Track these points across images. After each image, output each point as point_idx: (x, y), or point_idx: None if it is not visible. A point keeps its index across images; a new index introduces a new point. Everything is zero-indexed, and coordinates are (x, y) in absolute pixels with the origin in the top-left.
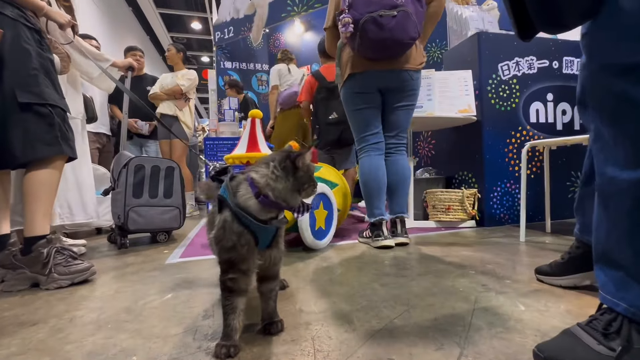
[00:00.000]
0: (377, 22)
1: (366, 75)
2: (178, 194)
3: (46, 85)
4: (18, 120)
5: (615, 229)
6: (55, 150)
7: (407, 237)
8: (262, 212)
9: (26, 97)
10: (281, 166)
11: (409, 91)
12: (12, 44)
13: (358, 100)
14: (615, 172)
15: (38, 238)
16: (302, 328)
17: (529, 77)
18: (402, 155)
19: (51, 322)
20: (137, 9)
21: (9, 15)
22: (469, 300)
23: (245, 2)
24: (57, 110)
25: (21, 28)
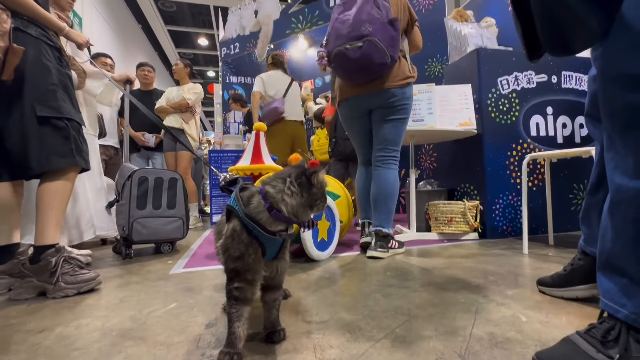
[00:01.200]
0: (343, 54)
1: (352, 101)
2: (181, 205)
3: (64, 99)
4: (35, 132)
5: (620, 236)
6: (69, 162)
7: (382, 252)
8: (273, 224)
9: (44, 110)
10: (297, 182)
11: (395, 107)
12: (34, 61)
13: (352, 122)
14: (623, 181)
15: (47, 247)
16: (303, 337)
17: (528, 92)
18: (388, 168)
19: (58, 329)
20: (147, 26)
21: (33, 35)
22: (470, 311)
23: (251, 19)
24: (73, 123)
25: (43, 46)
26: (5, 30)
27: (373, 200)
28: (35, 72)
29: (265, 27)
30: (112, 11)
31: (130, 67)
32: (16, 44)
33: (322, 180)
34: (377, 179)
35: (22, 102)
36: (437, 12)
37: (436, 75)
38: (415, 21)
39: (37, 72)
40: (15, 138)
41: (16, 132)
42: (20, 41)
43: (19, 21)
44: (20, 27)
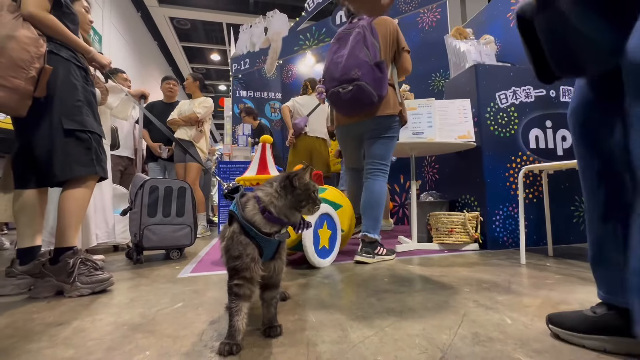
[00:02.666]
0: (337, 95)
1: (345, 128)
2: (190, 213)
3: (87, 114)
4: (61, 143)
5: None
6: (89, 170)
7: (368, 257)
8: (267, 226)
9: (70, 124)
10: (282, 185)
11: (383, 130)
12: (63, 80)
13: (345, 144)
14: None
15: (66, 249)
16: (298, 333)
17: (526, 105)
18: (376, 179)
19: (75, 323)
20: (162, 42)
21: (64, 57)
22: (458, 313)
23: (261, 37)
24: (94, 136)
25: (72, 67)
26: (42, 53)
27: (362, 209)
28: (64, 90)
29: (275, 44)
30: (129, 29)
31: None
32: (49, 65)
33: (305, 182)
34: (365, 190)
35: (51, 116)
36: (440, 29)
37: (440, 90)
38: (404, 49)
39: (66, 89)
40: (43, 148)
41: (44, 143)
42: (53, 62)
43: (53, 45)
44: (54, 50)
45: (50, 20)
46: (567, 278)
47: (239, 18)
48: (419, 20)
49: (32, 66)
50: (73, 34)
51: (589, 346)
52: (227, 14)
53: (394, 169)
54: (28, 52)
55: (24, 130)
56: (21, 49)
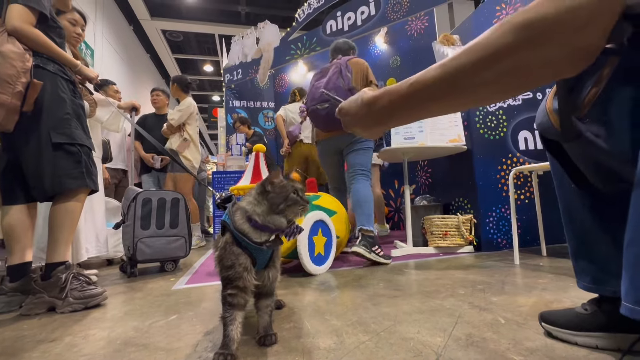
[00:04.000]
0: (315, 112)
1: (325, 142)
2: (184, 224)
3: (76, 127)
4: (50, 157)
5: None
6: (79, 183)
7: (364, 250)
8: (256, 234)
9: (59, 137)
10: (258, 192)
11: (359, 143)
12: (51, 93)
13: (325, 157)
14: None
15: (58, 264)
16: (293, 341)
17: (514, 108)
18: (359, 181)
19: (67, 339)
20: (155, 55)
21: (50, 70)
22: (453, 315)
23: (253, 47)
24: (84, 149)
25: (59, 80)
26: (28, 68)
27: (353, 209)
28: (51, 103)
29: (266, 54)
30: (122, 42)
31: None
32: (36, 79)
33: (278, 184)
34: (352, 193)
35: (39, 130)
36: (428, 36)
37: None
38: (372, 82)
39: (54, 103)
40: (32, 162)
41: (33, 157)
42: (40, 76)
43: (39, 59)
44: (40, 64)
45: (35, 34)
46: (560, 277)
47: (230, 29)
48: (407, 27)
49: (18, 81)
50: (60, 47)
51: (581, 343)
52: (218, 26)
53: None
54: (14, 67)
55: (11, 145)
56: (7, 64)
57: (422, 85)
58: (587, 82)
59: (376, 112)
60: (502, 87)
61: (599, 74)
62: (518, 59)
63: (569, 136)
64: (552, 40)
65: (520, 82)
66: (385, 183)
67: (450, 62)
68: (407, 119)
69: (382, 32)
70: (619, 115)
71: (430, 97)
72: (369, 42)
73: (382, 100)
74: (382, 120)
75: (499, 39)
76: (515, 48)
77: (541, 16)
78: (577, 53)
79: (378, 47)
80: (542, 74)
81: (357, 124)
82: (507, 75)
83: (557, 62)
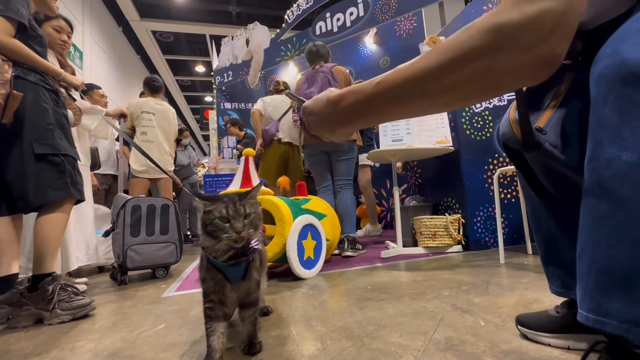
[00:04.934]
0: None
1: (313, 146)
2: (174, 230)
3: (60, 137)
4: (33, 168)
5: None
6: (64, 194)
7: (353, 251)
8: (218, 253)
9: (42, 148)
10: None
11: (344, 152)
12: (33, 104)
13: (311, 160)
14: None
15: (45, 276)
16: (278, 348)
17: (500, 109)
18: (346, 192)
19: (53, 352)
20: (145, 56)
21: (31, 81)
22: (435, 318)
23: (243, 49)
24: (68, 158)
25: (41, 90)
26: (7, 79)
27: (340, 216)
28: (33, 114)
29: (257, 56)
30: (111, 44)
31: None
32: (16, 90)
33: (200, 210)
34: (339, 201)
35: (21, 141)
36: (416, 37)
37: None
38: None
39: (36, 113)
40: (14, 174)
41: (15, 169)
42: (21, 87)
43: (20, 69)
44: (21, 75)
45: (14, 45)
46: (542, 275)
47: (221, 29)
48: (396, 28)
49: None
50: (41, 56)
51: (554, 344)
52: (209, 26)
53: (380, 174)
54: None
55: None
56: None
57: (389, 84)
58: (547, 96)
59: (340, 112)
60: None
61: (557, 88)
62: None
63: (529, 146)
64: (516, 46)
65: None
66: (377, 183)
67: (419, 62)
68: (372, 120)
69: (371, 32)
70: (572, 128)
71: (396, 97)
72: (358, 42)
73: (347, 99)
74: (347, 120)
75: (468, 40)
76: (483, 51)
77: (507, 21)
78: (539, 61)
79: (368, 47)
80: (504, 81)
81: (321, 123)
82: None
83: (519, 69)
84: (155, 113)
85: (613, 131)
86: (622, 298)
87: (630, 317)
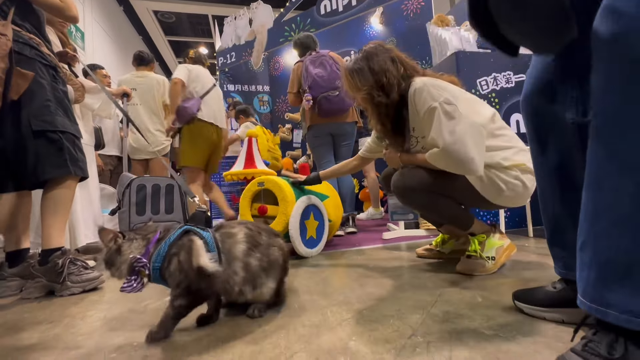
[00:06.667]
0: (327, 99)
1: (319, 126)
2: (179, 210)
3: (58, 114)
4: (32, 145)
5: None
6: (63, 171)
7: (355, 227)
8: None
9: (39, 125)
10: None
11: (348, 135)
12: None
13: (316, 141)
14: None
15: (54, 250)
16: (280, 319)
17: (507, 91)
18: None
19: (65, 320)
20: (147, 37)
21: (27, 55)
22: (434, 294)
23: (246, 29)
24: (66, 135)
25: (37, 65)
26: (5, 52)
27: (342, 196)
28: (30, 90)
29: (260, 36)
30: (112, 24)
31: None
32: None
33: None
34: (342, 182)
35: (19, 118)
36: (425, 16)
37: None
38: None
39: (33, 90)
40: (14, 151)
41: (15, 146)
42: (16, 62)
43: (15, 44)
44: (16, 49)
45: None
46: (542, 257)
47: (224, 9)
48: (403, 7)
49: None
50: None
51: (549, 318)
52: (211, 5)
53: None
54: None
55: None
56: None
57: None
58: None
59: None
60: None
61: None
62: None
63: None
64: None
65: None
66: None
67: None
68: None
69: (377, 12)
70: None
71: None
72: (364, 22)
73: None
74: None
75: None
76: None
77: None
78: None
79: (374, 27)
80: None
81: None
82: None
83: None
84: (137, 89)
85: None
86: (622, 290)
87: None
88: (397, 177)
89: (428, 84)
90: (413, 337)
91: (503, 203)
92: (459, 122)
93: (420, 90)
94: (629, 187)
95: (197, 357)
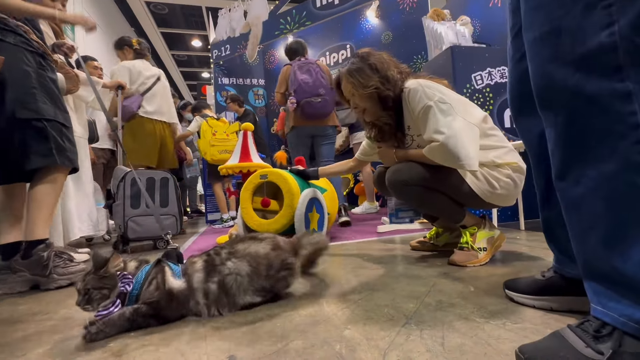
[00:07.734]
0: (310, 104)
1: (301, 128)
2: (174, 203)
3: (44, 102)
4: (17, 134)
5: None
6: (48, 161)
7: (348, 217)
8: None
9: (24, 113)
10: None
11: (328, 137)
12: (14, 67)
13: (297, 141)
14: None
15: (38, 242)
16: (276, 308)
17: (501, 86)
18: None
19: (61, 312)
20: (140, 29)
21: (11, 42)
22: (427, 284)
23: (241, 21)
24: (52, 123)
25: (22, 52)
26: None
27: None
28: (15, 78)
29: (255, 29)
30: (104, 15)
31: None
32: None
33: None
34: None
35: (4, 107)
36: (421, 10)
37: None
38: None
39: (17, 77)
40: (2, 140)
41: (3, 135)
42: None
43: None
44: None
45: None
46: (533, 249)
47: (218, 1)
48: (399, 1)
49: None
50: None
51: (538, 306)
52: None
53: None
54: None
55: None
56: None
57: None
58: None
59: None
60: None
61: None
62: None
63: None
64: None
65: None
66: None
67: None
68: None
69: (373, 5)
70: None
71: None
72: (359, 16)
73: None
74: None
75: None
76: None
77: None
78: None
79: (369, 21)
80: None
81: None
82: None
83: None
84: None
85: None
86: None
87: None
88: (392, 172)
89: (423, 84)
90: (407, 325)
91: (495, 201)
92: (455, 119)
93: (415, 90)
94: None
95: (194, 344)
